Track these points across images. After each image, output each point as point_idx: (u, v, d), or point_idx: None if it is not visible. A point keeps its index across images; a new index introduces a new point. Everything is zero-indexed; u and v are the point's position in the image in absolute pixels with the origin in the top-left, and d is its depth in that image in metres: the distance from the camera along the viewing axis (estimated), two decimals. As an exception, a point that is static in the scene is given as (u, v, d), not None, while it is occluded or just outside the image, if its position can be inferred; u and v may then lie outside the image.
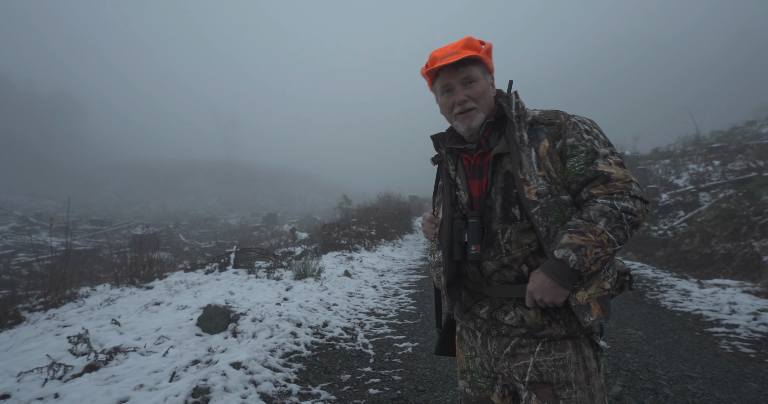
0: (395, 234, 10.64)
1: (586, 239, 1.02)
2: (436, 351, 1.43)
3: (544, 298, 1.06)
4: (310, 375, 2.86)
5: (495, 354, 1.18)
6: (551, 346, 1.10)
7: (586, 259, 1.02)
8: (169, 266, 7.05)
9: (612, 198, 1.05)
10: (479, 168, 1.21)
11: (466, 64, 1.19)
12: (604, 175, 1.07)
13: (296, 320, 3.76)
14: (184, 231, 21.43)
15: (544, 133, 1.14)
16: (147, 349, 2.97)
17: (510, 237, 1.12)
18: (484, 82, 1.21)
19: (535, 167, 1.11)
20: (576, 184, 1.09)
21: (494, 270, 1.15)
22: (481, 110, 1.20)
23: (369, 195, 17.07)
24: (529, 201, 1.09)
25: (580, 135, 1.12)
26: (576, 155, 1.10)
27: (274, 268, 6.11)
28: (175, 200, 40.02)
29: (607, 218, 1.03)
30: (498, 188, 1.15)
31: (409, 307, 4.56)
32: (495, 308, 1.17)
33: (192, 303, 4.18)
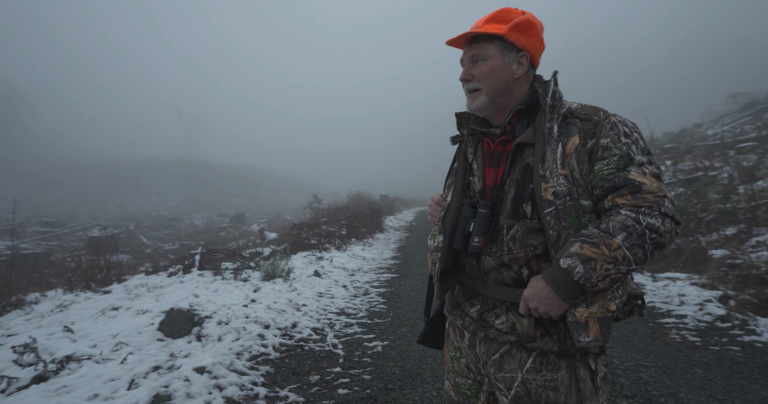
0: (366, 233, 10.62)
1: (598, 252, 0.91)
2: (419, 340, 1.35)
3: (539, 307, 0.97)
4: (277, 378, 2.80)
5: (483, 358, 1.11)
6: (543, 364, 1.02)
7: (594, 274, 0.91)
8: (129, 269, 6.73)
9: (638, 212, 0.93)
10: (498, 156, 1.12)
11: (479, 41, 1.09)
12: (634, 184, 0.94)
13: (264, 322, 3.68)
14: (145, 232, 20.51)
15: (576, 128, 1.02)
16: (103, 356, 2.81)
17: (515, 235, 1.03)
18: (497, 62, 1.08)
19: (558, 163, 1.00)
20: (601, 189, 0.98)
21: (492, 267, 1.07)
22: (486, 92, 1.09)
23: (339, 194, 16.98)
24: (543, 200, 0.99)
25: (617, 137, 1.00)
26: (607, 158, 0.98)
27: (242, 269, 5.95)
28: (135, 201, 38.21)
29: (627, 233, 0.91)
30: (513, 181, 1.05)
31: (379, 306, 4.57)
32: (487, 308, 1.10)
33: (153, 306, 4.00)
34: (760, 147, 8.47)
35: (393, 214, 17.13)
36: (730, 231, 6.02)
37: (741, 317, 3.62)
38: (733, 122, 13.68)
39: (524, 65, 1.09)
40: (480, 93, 1.10)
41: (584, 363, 1.02)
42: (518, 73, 1.09)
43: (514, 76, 1.09)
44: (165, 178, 47.62)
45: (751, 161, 7.41)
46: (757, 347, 3.10)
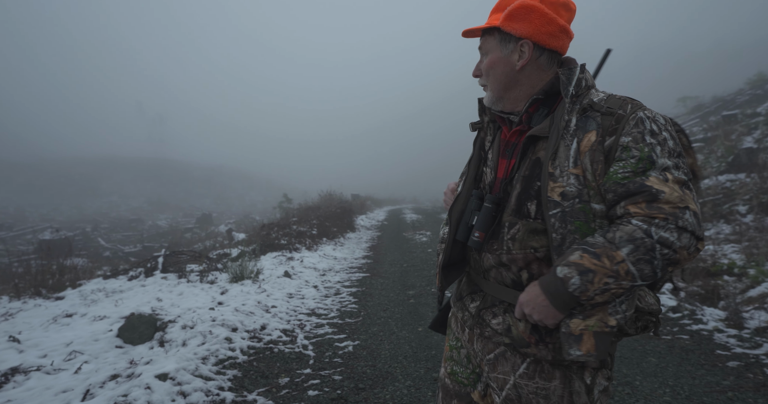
0: (337, 233, 10.55)
1: (598, 264, 0.83)
2: (430, 325, 1.33)
3: (533, 314, 0.91)
4: (246, 381, 2.74)
5: (480, 355, 1.09)
6: (536, 372, 0.97)
7: (591, 287, 0.83)
8: (86, 273, 6.37)
9: (651, 223, 0.82)
10: (512, 146, 1.04)
11: (483, 34, 1.04)
12: (651, 192, 0.83)
13: (231, 324, 3.58)
14: (104, 235, 19.50)
15: (595, 123, 0.91)
16: (54, 367, 2.65)
17: (515, 234, 0.97)
18: (496, 55, 1.02)
19: (570, 161, 0.90)
20: (614, 194, 0.87)
21: (492, 266, 1.03)
22: (490, 88, 1.05)
23: (310, 194, 16.79)
24: (549, 200, 0.91)
25: (640, 135, 0.88)
26: (624, 160, 0.87)
27: (208, 271, 5.77)
28: (93, 201, 36.27)
29: (634, 246, 0.82)
30: (521, 176, 0.98)
31: (351, 306, 4.55)
32: (485, 306, 1.06)
33: (112, 312, 3.81)
34: (707, 147, 9.07)
35: (365, 213, 17.11)
36: (680, 227, 6.41)
37: (690, 307, 3.86)
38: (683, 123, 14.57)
39: (526, 53, 0.99)
40: (486, 89, 1.07)
41: (580, 376, 0.95)
42: (519, 63, 1.00)
43: (516, 67, 1.00)
44: (126, 177, 45.42)
45: (699, 161, 7.91)
46: (703, 335, 3.32)
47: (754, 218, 5.54)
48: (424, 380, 2.72)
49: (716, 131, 9.89)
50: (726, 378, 2.61)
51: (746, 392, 2.43)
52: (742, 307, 3.62)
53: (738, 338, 3.19)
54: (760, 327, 3.27)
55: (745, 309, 3.59)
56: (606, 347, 0.87)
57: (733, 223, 5.69)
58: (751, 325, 3.34)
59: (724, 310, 3.68)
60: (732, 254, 4.81)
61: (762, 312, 3.45)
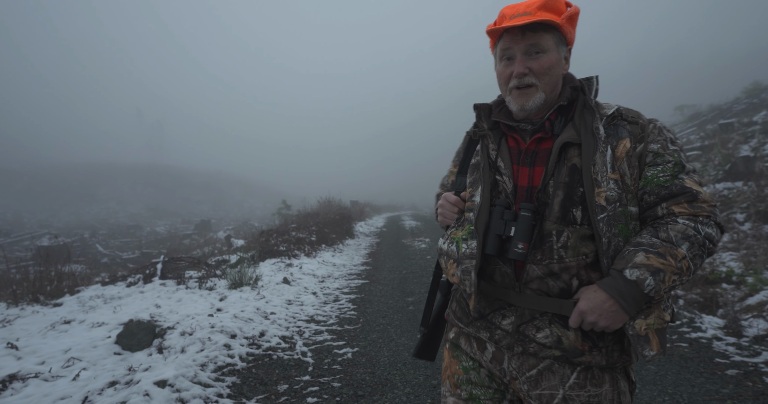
0: (336, 239, 10.55)
1: (665, 263, 0.87)
2: (415, 353, 1.25)
3: (599, 321, 0.89)
4: (244, 388, 2.73)
5: (513, 374, 1.02)
6: (587, 379, 0.95)
7: (663, 286, 0.87)
8: (84, 279, 6.35)
9: (697, 221, 0.91)
10: (533, 154, 1.02)
11: (536, 30, 0.97)
12: (692, 193, 0.92)
13: (230, 331, 3.57)
14: (102, 241, 19.44)
15: (626, 131, 0.97)
16: (53, 374, 2.64)
17: (567, 242, 0.95)
18: (555, 55, 0.99)
19: (608, 167, 0.94)
20: (655, 196, 0.94)
21: (537, 277, 0.97)
22: (543, 89, 0.99)
23: (309, 200, 16.80)
24: (597, 205, 0.92)
25: (666, 143, 0.96)
26: (661, 164, 0.95)
27: (207, 277, 5.76)
28: (91, 207, 36.21)
29: (690, 243, 0.89)
30: (560, 183, 0.97)
31: (350, 312, 4.55)
32: (524, 321, 0.99)
33: (110, 319, 3.79)
34: (704, 156, 9.13)
35: (363, 220, 17.11)
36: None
37: (688, 315, 3.87)
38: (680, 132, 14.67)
39: (568, 61, 1.03)
40: (536, 90, 0.99)
41: (624, 375, 0.98)
42: (565, 68, 1.03)
43: (563, 72, 1.03)
44: (124, 183, 45.40)
45: (697, 169, 7.96)
46: (702, 343, 3.33)
47: (752, 227, 5.57)
48: (423, 387, 2.72)
49: (713, 139, 9.96)
50: (725, 386, 2.61)
51: (745, 400, 2.43)
52: (741, 315, 3.63)
53: (737, 346, 3.19)
54: (759, 335, 3.28)
55: (744, 317, 3.60)
56: (666, 342, 0.91)
57: (731, 231, 5.71)
58: (750, 333, 3.35)
59: (722, 318, 3.69)
60: (730, 262, 4.83)
61: (761, 320, 3.45)
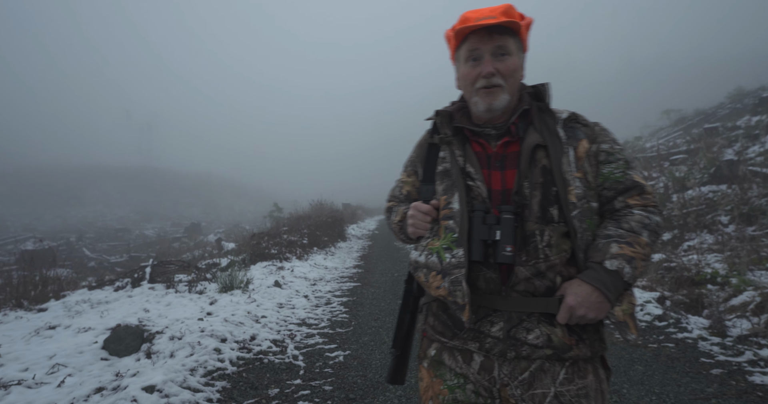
0: (328, 242, 10.52)
1: (635, 251, 0.95)
2: (390, 380, 1.17)
3: (588, 314, 0.93)
4: (234, 393, 2.70)
5: (504, 380, 1.00)
6: (574, 373, 0.98)
7: (636, 272, 0.95)
8: (70, 284, 6.23)
9: (648, 211, 1.01)
10: (502, 158, 1.05)
11: (503, 33, 1.02)
12: (640, 186, 1.02)
13: (221, 335, 3.54)
14: (89, 245, 19.13)
15: (582, 132, 1.06)
16: (36, 381, 2.59)
17: (550, 240, 0.98)
18: (517, 59, 1.04)
19: (573, 167, 1.01)
20: (613, 191, 1.03)
21: (524, 278, 0.99)
22: (508, 91, 1.03)
23: (301, 203, 16.73)
24: (570, 202, 0.98)
25: (613, 142, 1.07)
26: (614, 162, 1.04)
27: (197, 281, 5.70)
28: (78, 211, 35.61)
29: (648, 231, 0.98)
30: (535, 184, 1.01)
31: (342, 315, 4.53)
32: (513, 325, 0.99)
33: (97, 324, 3.74)
34: (689, 159, 9.32)
35: (356, 222, 17.10)
36: (666, 236, 6.54)
37: (675, 316, 3.93)
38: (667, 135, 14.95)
39: (524, 69, 1.10)
40: (501, 91, 1.03)
41: (601, 363, 1.03)
42: (521, 75, 1.09)
43: (521, 77, 1.09)
44: (112, 186, 44.75)
45: (683, 172, 8.13)
46: (688, 343, 3.38)
47: (736, 229, 5.69)
48: (414, 390, 2.72)
49: (699, 143, 10.17)
50: (710, 385, 2.66)
51: (729, 399, 2.47)
52: (725, 315, 3.70)
53: (721, 346, 3.25)
54: (742, 335, 3.35)
55: (728, 317, 3.67)
56: (637, 323, 0.98)
57: (715, 233, 5.83)
58: (734, 333, 3.42)
59: (707, 318, 3.76)
60: (715, 263, 4.92)
61: (744, 321, 3.53)
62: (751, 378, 2.70)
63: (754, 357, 2.98)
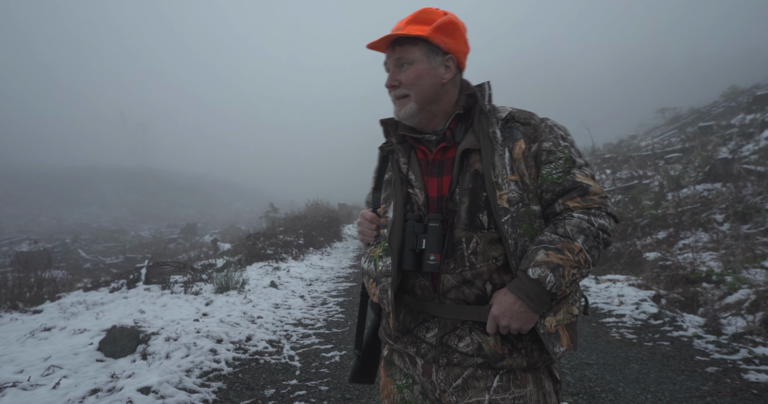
0: (324, 242, 10.50)
1: (564, 258, 0.90)
2: (352, 379, 1.19)
3: (511, 324, 0.91)
4: (230, 394, 2.69)
5: (442, 386, 1.01)
6: (510, 381, 0.95)
7: (563, 281, 0.89)
8: (65, 285, 6.19)
9: (589, 213, 0.94)
10: (439, 164, 1.03)
11: (403, 44, 1.01)
12: (582, 187, 0.95)
13: (216, 336, 3.52)
14: (84, 246, 19.01)
15: (520, 132, 1.00)
16: (31, 383, 2.57)
17: (476, 248, 0.95)
18: (423, 66, 1.01)
19: (507, 169, 0.96)
20: (551, 193, 0.97)
21: (453, 286, 0.97)
22: (415, 99, 1.02)
23: (297, 203, 16.69)
24: (500, 208, 0.94)
25: (557, 140, 1.00)
26: (554, 162, 0.98)
27: (193, 282, 5.67)
28: (73, 212, 35.39)
29: (585, 236, 0.91)
30: (465, 189, 0.98)
31: (338, 316, 4.53)
32: (446, 332, 0.99)
33: (93, 325, 3.71)
34: (684, 158, 9.36)
35: (352, 222, 17.08)
36: (661, 235, 6.58)
37: (670, 314, 3.95)
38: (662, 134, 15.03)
39: (451, 69, 1.03)
40: (408, 100, 1.03)
41: (548, 374, 0.99)
42: (446, 77, 1.03)
43: (442, 80, 1.02)
44: (107, 187, 44.51)
45: (677, 171, 8.17)
46: (683, 341, 3.40)
47: (730, 227, 5.72)
48: (411, 389, 2.72)
49: (693, 141, 10.23)
50: (705, 383, 2.67)
51: (724, 397, 2.49)
52: (720, 313, 3.72)
53: (716, 344, 3.27)
54: (737, 332, 3.37)
55: (723, 315, 3.69)
56: (577, 336, 0.94)
57: (710, 231, 5.87)
58: (729, 331, 3.44)
59: (703, 317, 3.78)
60: (710, 261, 4.95)
61: (739, 319, 3.55)
62: (746, 376, 2.72)
63: (749, 355, 3.00)
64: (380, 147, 1.15)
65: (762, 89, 12.63)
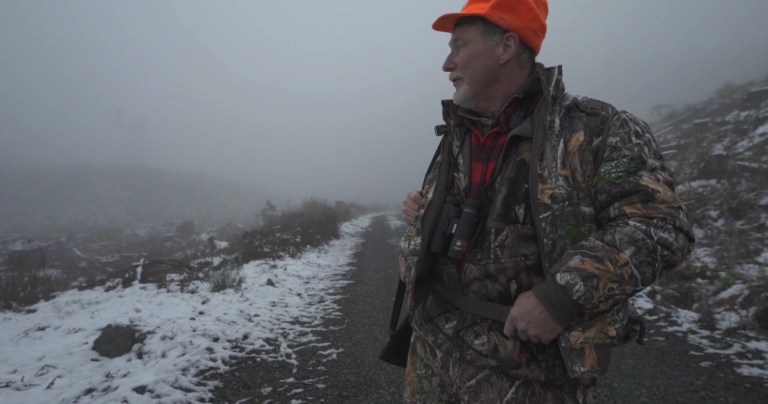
0: (321, 240, 10.49)
1: (602, 268, 0.78)
2: (381, 356, 1.19)
3: (528, 329, 0.83)
4: (227, 392, 2.69)
5: (457, 382, 0.97)
6: (526, 396, 0.88)
7: (596, 294, 0.78)
8: (60, 284, 6.16)
9: (650, 224, 0.80)
10: (488, 150, 0.97)
11: (461, 24, 0.96)
12: (647, 191, 0.81)
13: (213, 334, 3.52)
14: (80, 245, 18.91)
15: (582, 123, 0.88)
16: (25, 382, 2.55)
17: (504, 241, 0.89)
18: (478, 46, 0.94)
19: (558, 162, 0.86)
20: (607, 195, 0.84)
21: (475, 278, 0.92)
22: (468, 81, 0.96)
23: (294, 201, 16.67)
24: (540, 203, 0.85)
25: (627, 136, 0.86)
26: (616, 159, 0.85)
27: (189, 280, 5.65)
28: (68, 210, 35.17)
29: (636, 248, 0.78)
30: (505, 178, 0.91)
31: (335, 313, 4.53)
32: (464, 326, 0.94)
33: (88, 324, 3.69)
34: (680, 154, 9.41)
35: (349, 220, 17.07)
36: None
37: (665, 309, 3.98)
38: (658, 131, 15.08)
39: (512, 48, 0.93)
40: (461, 82, 0.98)
41: (572, 395, 0.89)
42: (504, 57, 0.94)
43: (500, 61, 0.94)
44: (103, 185, 44.25)
45: (673, 167, 8.20)
46: (678, 336, 3.43)
47: (725, 223, 5.76)
48: (408, 387, 2.73)
49: (689, 138, 10.27)
50: (699, 377, 2.69)
51: (717, 391, 2.51)
52: (714, 309, 3.75)
53: (710, 339, 3.30)
54: (731, 327, 3.39)
55: (717, 310, 3.72)
56: (608, 360, 0.82)
57: (705, 227, 5.90)
58: (722, 326, 3.46)
59: (697, 312, 3.81)
60: (705, 257, 4.99)
61: (732, 314, 3.58)
62: (739, 370, 2.75)
63: (742, 350, 3.02)
64: (436, 127, 1.10)
65: (756, 86, 12.69)
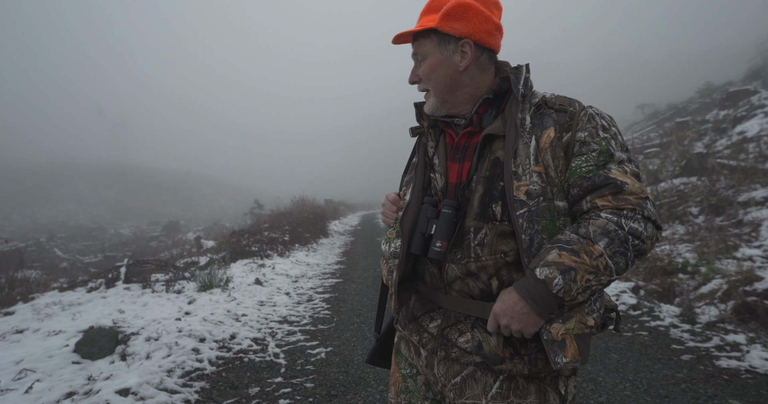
0: (310, 239, 10.43)
1: (578, 260, 0.81)
2: (368, 359, 1.21)
3: (511, 324, 0.85)
4: (214, 393, 2.65)
5: (442, 380, 0.99)
6: (510, 389, 0.90)
7: (574, 286, 0.81)
8: (39, 286, 6.01)
9: (620, 215, 0.83)
10: (463, 149, 0.99)
11: (417, 38, 0.99)
12: (616, 184, 0.84)
13: (199, 335, 3.47)
14: (61, 245, 18.46)
15: (551, 119, 0.91)
16: (2, 387, 2.48)
17: (483, 239, 0.90)
18: (437, 57, 0.97)
19: (531, 159, 0.89)
20: (579, 189, 0.87)
21: (457, 277, 0.94)
22: (434, 92, 0.99)
23: (282, 199, 16.52)
24: (516, 200, 0.87)
25: (595, 130, 0.89)
26: (585, 154, 0.88)
27: (175, 280, 5.56)
28: (48, 210, 34.28)
29: (609, 239, 0.81)
30: (481, 177, 0.93)
31: (323, 312, 4.51)
32: (449, 324, 0.96)
33: (69, 326, 3.60)
34: (662, 152, 9.60)
35: (338, 218, 17.01)
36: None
37: (648, 304, 4.06)
38: (641, 129, 15.37)
39: (468, 54, 0.96)
40: (429, 95, 1.02)
41: (554, 387, 0.91)
42: (463, 64, 0.96)
43: (459, 68, 0.96)
44: (85, 184, 43.21)
45: (656, 165, 8.37)
46: (660, 330, 3.50)
47: (705, 219, 5.90)
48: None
49: (671, 136, 10.49)
50: (680, 370, 2.76)
51: (697, 383, 2.57)
52: (695, 303, 3.84)
53: (691, 332, 3.38)
54: (711, 321, 3.48)
55: (698, 305, 3.81)
56: (589, 349, 0.85)
57: (686, 223, 6.04)
58: (703, 320, 3.55)
59: (678, 306, 3.90)
60: (686, 253, 5.10)
61: (712, 308, 3.67)
62: (717, 363, 2.82)
63: (720, 342, 3.10)
64: (410, 129, 1.11)
65: (734, 86, 13.02)
